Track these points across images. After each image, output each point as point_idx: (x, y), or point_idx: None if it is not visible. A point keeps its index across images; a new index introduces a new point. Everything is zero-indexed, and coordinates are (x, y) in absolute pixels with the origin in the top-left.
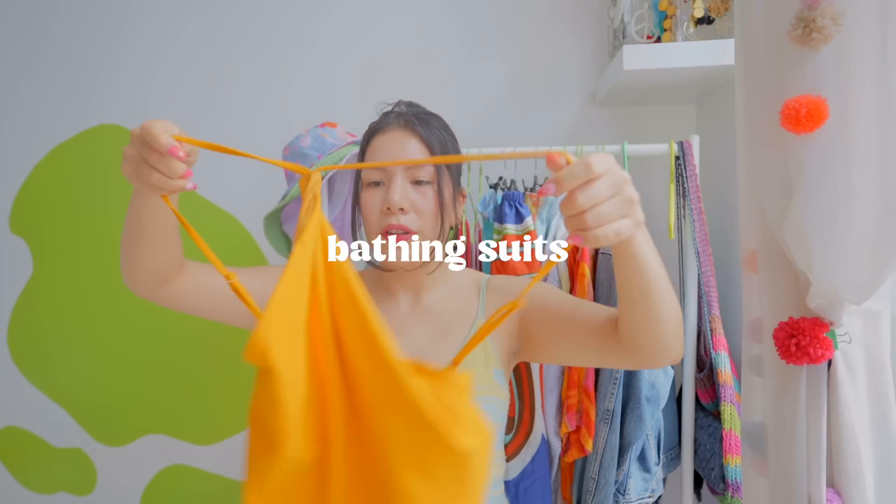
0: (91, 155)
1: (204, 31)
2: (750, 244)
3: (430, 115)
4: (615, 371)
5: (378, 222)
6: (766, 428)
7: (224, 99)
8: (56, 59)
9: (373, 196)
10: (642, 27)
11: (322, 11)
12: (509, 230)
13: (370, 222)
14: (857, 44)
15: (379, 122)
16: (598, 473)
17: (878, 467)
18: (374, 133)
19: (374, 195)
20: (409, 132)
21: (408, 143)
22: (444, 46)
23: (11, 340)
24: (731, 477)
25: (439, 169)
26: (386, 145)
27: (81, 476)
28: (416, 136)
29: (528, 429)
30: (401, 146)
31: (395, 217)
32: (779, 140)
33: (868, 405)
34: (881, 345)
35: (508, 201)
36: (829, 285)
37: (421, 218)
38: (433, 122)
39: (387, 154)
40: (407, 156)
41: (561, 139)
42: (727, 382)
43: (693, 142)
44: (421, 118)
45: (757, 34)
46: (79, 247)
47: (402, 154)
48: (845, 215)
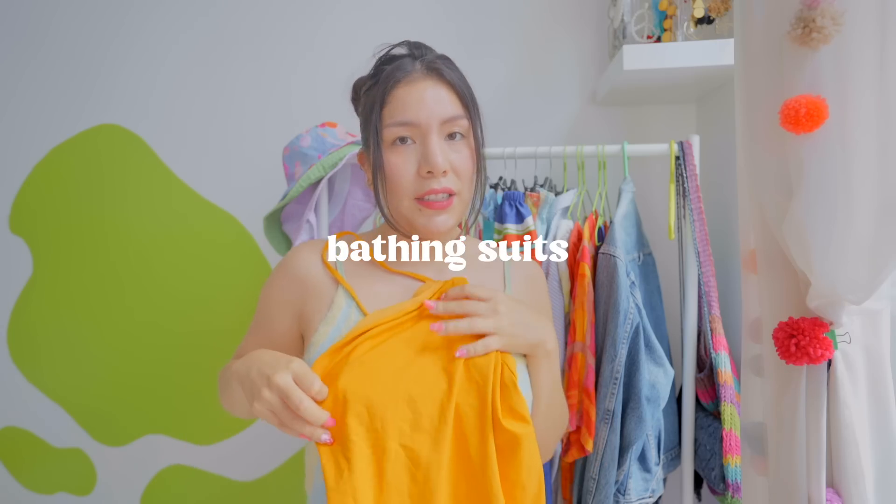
0: (91, 155)
1: (204, 31)
2: (750, 244)
3: (446, 56)
4: (615, 371)
5: (413, 186)
6: (766, 428)
7: (224, 99)
8: (56, 58)
9: (404, 156)
10: (642, 27)
11: (322, 11)
12: (510, 230)
13: (402, 186)
14: (856, 44)
15: (396, 68)
16: (598, 473)
17: (878, 467)
18: (396, 83)
19: (405, 155)
20: (438, 79)
21: (440, 92)
22: (444, 46)
23: (11, 340)
24: (731, 477)
25: (474, 120)
26: (415, 97)
27: (81, 476)
28: (445, 83)
29: None
30: (434, 98)
31: (437, 180)
32: (778, 140)
33: (868, 405)
34: (881, 345)
35: (509, 201)
36: (828, 285)
37: (460, 178)
38: (453, 66)
39: (419, 108)
40: (440, 109)
41: (561, 139)
42: (727, 382)
43: (693, 142)
44: (444, 61)
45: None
46: (78, 247)
47: (435, 108)
48: (845, 215)
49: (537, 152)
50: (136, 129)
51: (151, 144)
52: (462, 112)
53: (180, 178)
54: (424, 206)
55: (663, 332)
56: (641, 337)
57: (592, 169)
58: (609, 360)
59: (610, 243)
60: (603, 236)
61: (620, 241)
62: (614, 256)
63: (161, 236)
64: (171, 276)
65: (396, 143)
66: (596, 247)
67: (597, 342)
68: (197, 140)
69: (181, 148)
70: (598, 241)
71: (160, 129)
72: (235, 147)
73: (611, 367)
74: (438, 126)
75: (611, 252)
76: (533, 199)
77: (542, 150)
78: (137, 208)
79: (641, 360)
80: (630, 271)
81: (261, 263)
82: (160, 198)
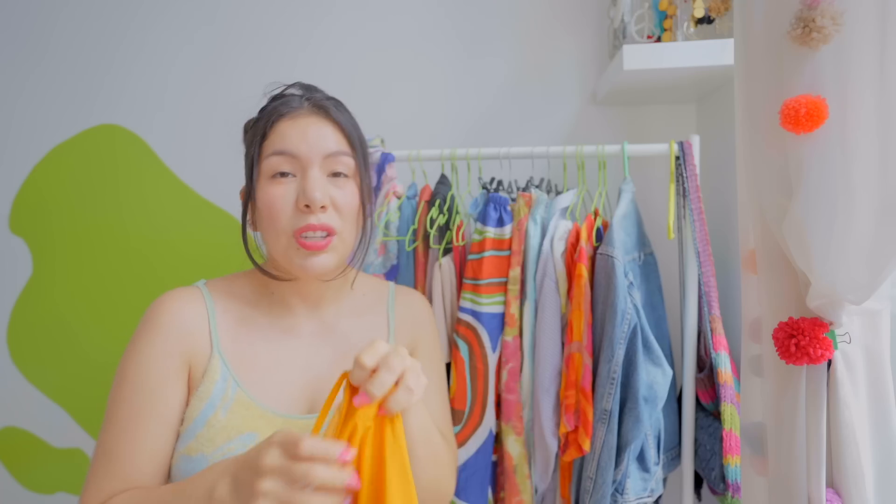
0: (91, 155)
1: (204, 31)
2: (750, 244)
3: (336, 99)
4: (612, 371)
5: (290, 221)
6: (766, 428)
7: (224, 98)
8: (56, 58)
9: (282, 191)
10: (642, 27)
11: (321, 12)
12: (489, 233)
13: (279, 221)
14: (856, 44)
15: (282, 104)
16: (595, 473)
17: (878, 467)
18: (280, 117)
19: (282, 190)
20: (323, 116)
21: (324, 129)
22: (444, 46)
23: (11, 340)
24: (731, 477)
25: (360, 161)
26: (298, 131)
27: (81, 476)
28: (330, 121)
29: (476, 422)
30: (317, 133)
31: (315, 216)
32: (779, 140)
33: (868, 405)
34: (881, 345)
35: (494, 203)
36: (828, 285)
37: (341, 217)
38: (342, 108)
39: (300, 141)
40: (324, 144)
41: (561, 139)
42: (727, 382)
43: (693, 142)
44: (332, 102)
45: (757, 34)
46: (78, 247)
47: (318, 142)
48: (845, 215)
49: (536, 152)
50: (137, 129)
51: (151, 144)
52: (347, 150)
53: (180, 178)
54: (301, 246)
55: (664, 331)
56: (639, 337)
57: (592, 169)
58: (606, 361)
59: (608, 244)
60: (602, 236)
61: (619, 242)
62: (612, 257)
63: (161, 236)
64: (171, 277)
65: (276, 176)
66: (594, 247)
67: (594, 342)
68: (197, 140)
69: (181, 148)
70: (597, 242)
71: (160, 129)
72: (235, 147)
73: (608, 368)
74: (321, 161)
75: (608, 252)
76: (525, 198)
77: (542, 149)
78: (137, 208)
79: (639, 360)
80: (628, 272)
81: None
82: (160, 198)
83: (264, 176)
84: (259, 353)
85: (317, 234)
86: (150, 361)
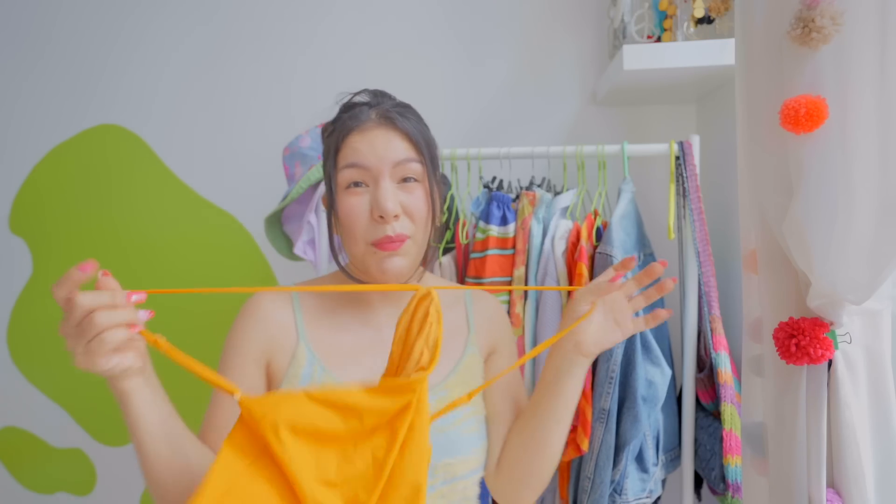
0: (91, 155)
1: (204, 31)
2: (750, 244)
3: (403, 105)
4: (611, 371)
5: (367, 232)
6: (766, 428)
7: (224, 98)
8: (56, 58)
9: (357, 201)
10: (642, 27)
11: (321, 12)
12: (492, 231)
13: (356, 232)
14: (856, 44)
15: (350, 117)
16: (593, 473)
17: (879, 467)
18: (349, 131)
19: (357, 200)
20: (390, 127)
21: (392, 140)
22: (444, 46)
23: (11, 340)
24: (732, 477)
25: (428, 165)
26: (367, 144)
27: (81, 476)
28: (398, 131)
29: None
30: (384, 144)
31: (391, 226)
32: (779, 140)
33: (868, 405)
34: (881, 345)
35: (497, 202)
36: (829, 285)
37: (413, 221)
38: (409, 114)
39: (370, 153)
40: (392, 154)
41: (561, 139)
42: (727, 382)
43: (693, 142)
44: (399, 110)
45: (757, 34)
46: (78, 247)
47: (386, 152)
48: (845, 215)
49: (536, 152)
50: (136, 129)
51: (151, 144)
52: (415, 156)
53: (180, 178)
54: (378, 248)
55: (664, 331)
56: (638, 337)
57: (592, 169)
58: (604, 360)
59: (607, 243)
60: (602, 236)
61: (619, 241)
62: (611, 256)
63: (161, 236)
64: (170, 277)
65: (351, 187)
66: (594, 247)
67: None
68: (197, 140)
69: (181, 148)
70: (596, 241)
71: (160, 129)
72: (235, 147)
73: (606, 367)
74: (390, 170)
75: (608, 252)
76: (529, 197)
77: (542, 149)
78: (137, 208)
79: (638, 360)
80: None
81: (261, 263)
82: (160, 198)
83: (341, 187)
84: (342, 342)
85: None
86: (236, 347)
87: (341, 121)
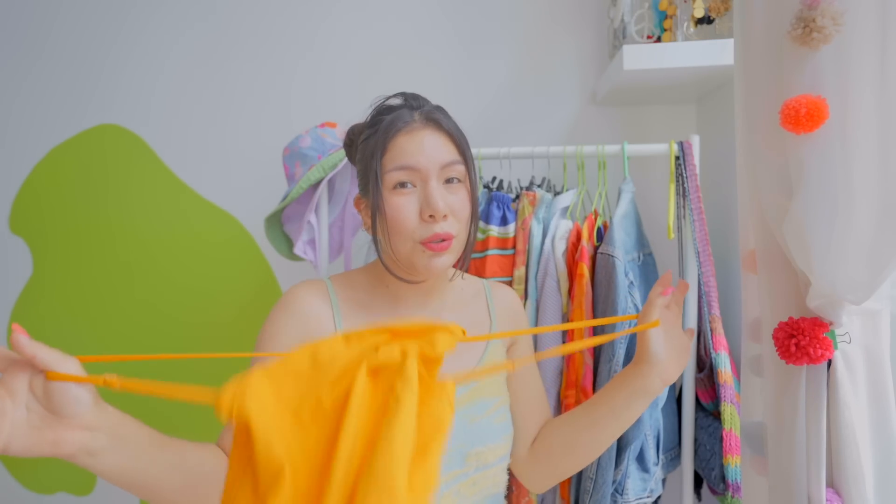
0: (91, 155)
1: (204, 31)
2: (750, 244)
3: (439, 106)
4: (613, 371)
5: (417, 231)
6: (766, 428)
7: (224, 99)
8: (56, 58)
9: (405, 201)
10: (642, 27)
11: (321, 12)
12: (492, 231)
13: (404, 231)
14: (856, 44)
15: (395, 118)
16: (595, 473)
17: (878, 467)
18: (397, 132)
19: (406, 200)
20: (435, 128)
21: (438, 140)
22: (444, 46)
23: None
24: (731, 477)
25: (470, 165)
26: (416, 145)
27: (81, 476)
28: (443, 131)
29: None
30: (433, 145)
31: (439, 225)
32: (779, 140)
33: (868, 405)
34: (881, 345)
35: (497, 202)
36: (828, 285)
37: (458, 220)
38: (447, 114)
39: (419, 154)
40: (440, 155)
41: (561, 139)
42: (727, 382)
43: (693, 142)
44: (440, 111)
45: (757, 34)
46: (79, 247)
47: (434, 154)
48: (845, 215)
49: (536, 152)
50: (136, 129)
51: (151, 144)
52: (459, 158)
53: (180, 178)
54: (427, 248)
55: None
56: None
57: (592, 169)
58: (606, 360)
59: (608, 243)
60: (602, 236)
61: (619, 241)
62: (612, 256)
63: (161, 236)
64: (170, 277)
65: (398, 187)
66: (595, 247)
67: None
68: (197, 140)
69: (181, 148)
70: (597, 241)
71: (160, 128)
72: (235, 147)
73: (608, 367)
74: (438, 171)
75: (609, 252)
76: (529, 197)
77: (542, 149)
78: (137, 208)
79: None
80: (629, 271)
81: (261, 263)
82: (160, 198)
83: (387, 187)
84: None
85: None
86: (272, 336)
87: (385, 122)
